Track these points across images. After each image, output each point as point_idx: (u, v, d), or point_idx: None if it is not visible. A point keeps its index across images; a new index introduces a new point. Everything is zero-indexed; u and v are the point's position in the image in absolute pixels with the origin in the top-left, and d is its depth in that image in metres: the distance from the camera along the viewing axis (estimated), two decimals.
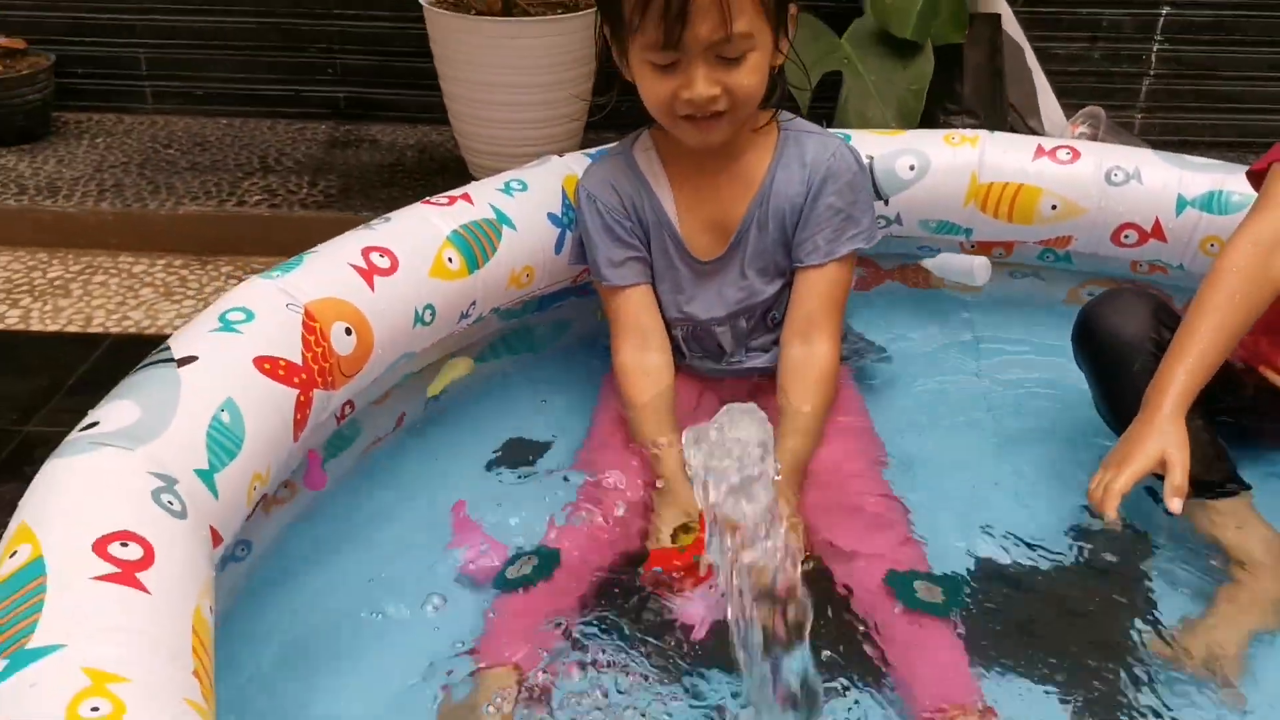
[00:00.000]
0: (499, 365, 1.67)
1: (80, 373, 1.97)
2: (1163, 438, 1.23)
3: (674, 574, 1.20)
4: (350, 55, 3.00)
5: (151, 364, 1.10)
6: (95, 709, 0.70)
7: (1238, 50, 2.98)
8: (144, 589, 0.82)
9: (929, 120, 2.46)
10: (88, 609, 0.79)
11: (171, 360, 1.09)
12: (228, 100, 3.05)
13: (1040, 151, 1.74)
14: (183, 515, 0.93)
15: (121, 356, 1.89)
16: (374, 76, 3.01)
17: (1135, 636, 1.21)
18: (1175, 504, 1.21)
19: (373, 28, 2.95)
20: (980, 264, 1.83)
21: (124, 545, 0.85)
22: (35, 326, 2.16)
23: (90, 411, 1.02)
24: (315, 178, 2.69)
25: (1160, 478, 1.24)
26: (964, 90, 2.52)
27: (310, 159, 2.81)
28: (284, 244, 1.94)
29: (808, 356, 1.42)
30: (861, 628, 1.19)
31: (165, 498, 0.93)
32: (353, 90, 3.04)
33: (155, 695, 0.74)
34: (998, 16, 2.52)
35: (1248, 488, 1.35)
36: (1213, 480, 1.32)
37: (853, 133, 1.78)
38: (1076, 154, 1.75)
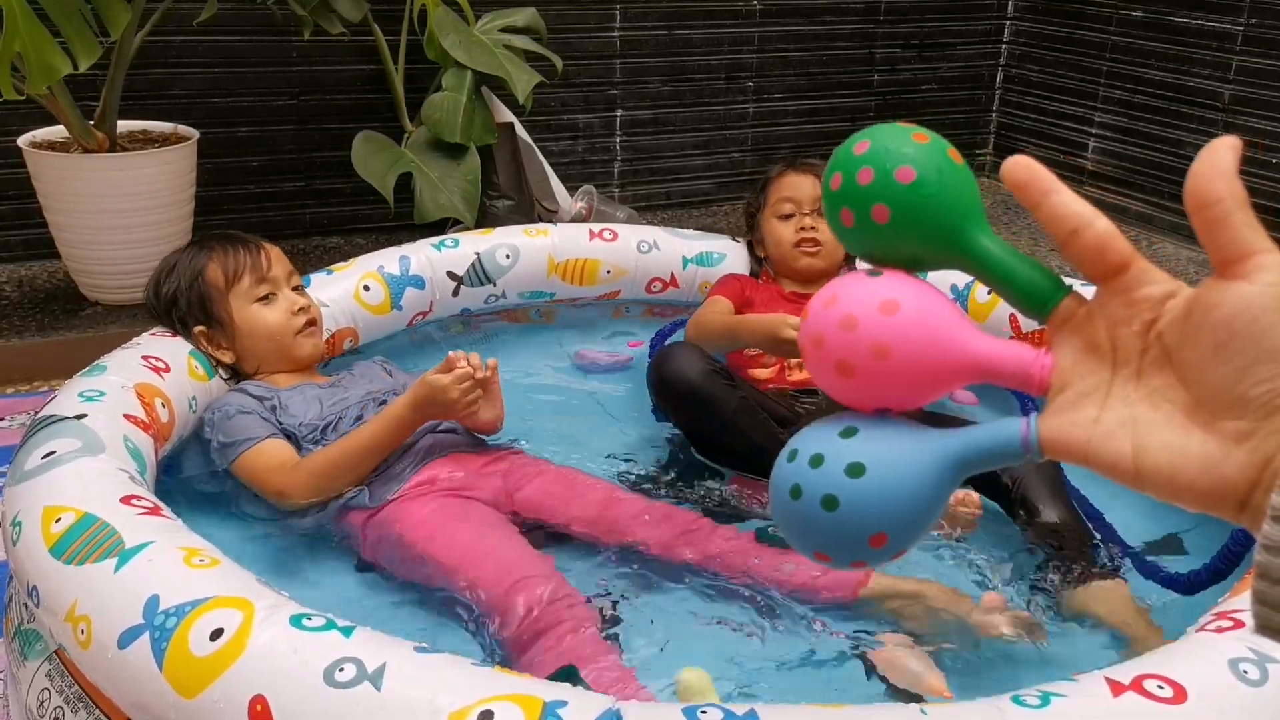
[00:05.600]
0: None
1: None
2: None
3: None
4: None
5: (54, 421, 1.53)
6: (202, 561, 1.22)
7: (671, 137, 3.91)
8: (169, 519, 1.33)
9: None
10: (149, 530, 1.28)
11: (69, 417, 1.54)
12: None
13: (592, 235, 2.47)
14: (148, 488, 1.43)
15: None
16: None
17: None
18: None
19: None
20: None
21: (139, 500, 1.34)
22: None
23: (37, 447, 1.45)
24: None
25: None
26: (499, 180, 3.35)
27: None
28: None
29: None
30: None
31: (135, 481, 1.41)
32: None
33: (221, 557, 1.27)
34: (512, 124, 3.28)
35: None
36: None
37: (460, 236, 2.40)
38: (616, 234, 2.48)
